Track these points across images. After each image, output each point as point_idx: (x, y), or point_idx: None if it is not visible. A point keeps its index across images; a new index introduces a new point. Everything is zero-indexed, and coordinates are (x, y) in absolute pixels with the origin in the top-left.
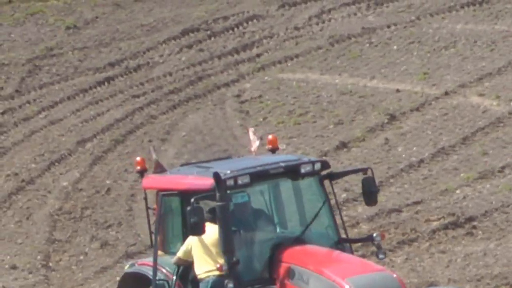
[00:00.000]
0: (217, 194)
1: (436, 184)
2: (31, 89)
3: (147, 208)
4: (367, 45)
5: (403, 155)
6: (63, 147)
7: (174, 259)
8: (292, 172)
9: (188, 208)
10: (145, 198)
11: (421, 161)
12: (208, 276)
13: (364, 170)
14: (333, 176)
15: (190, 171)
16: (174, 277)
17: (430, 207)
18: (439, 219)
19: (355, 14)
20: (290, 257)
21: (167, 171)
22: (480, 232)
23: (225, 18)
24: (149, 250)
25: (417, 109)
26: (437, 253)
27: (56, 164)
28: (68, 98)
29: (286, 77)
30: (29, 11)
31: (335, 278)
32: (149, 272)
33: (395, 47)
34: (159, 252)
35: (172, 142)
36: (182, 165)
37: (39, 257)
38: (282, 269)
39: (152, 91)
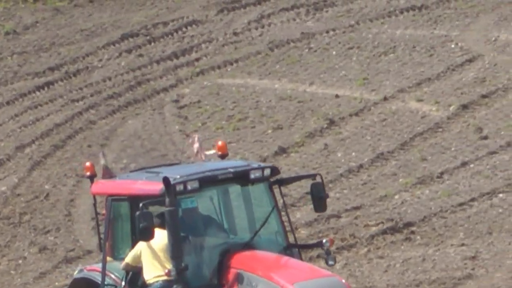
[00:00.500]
0: (166, 199)
1: (375, 190)
2: None
3: (96, 213)
4: (306, 50)
5: (342, 160)
6: (2, 152)
7: (122, 264)
8: (242, 177)
9: (137, 213)
10: (94, 204)
11: (360, 166)
12: (157, 281)
13: (313, 176)
14: (282, 182)
15: (139, 176)
16: (123, 283)
17: (369, 213)
18: (377, 224)
19: (294, 19)
20: (239, 262)
21: (116, 176)
22: (418, 237)
23: (165, 23)
24: (88, 255)
25: (356, 114)
26: (375, 258)
27: None
28: (7, 103)
29: (225, 82)
30: None
31: (283, 284)
32: (97, 278)
33: (334, 52)
34: (108, 258)
35: (111, 147)
36: (131, 171)
37: None
38: (231, 275)
39: (91, 96)
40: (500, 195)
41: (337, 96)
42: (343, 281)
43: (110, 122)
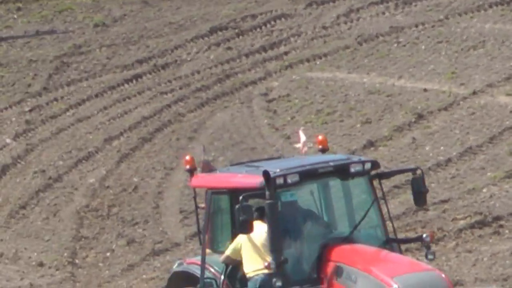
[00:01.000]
0: (266, 192)
1: (463, 183)
2: (58, 86)
3: (197, 207)
4: (395, 44)
5: (430, 154)
6: (90, 144)
7: (222, 257)
8: (342, 171)
9: (237, 206)
10: (194, 197)
11: (449, 160)
12: (257, 275)
13: (413, 170)
14: (382, 176)
15: (240, 170)
16: (222, 276)
17: (457, 206)
18: (465, 218)
19: (383, 13)
20: (338, 256)
21: (216, 170)
22: (507, 231)
23: (253, 16)
24: (176, 248)
25: (445, 109)
26: (463, 252)
27: (83, 161)
28: (96, 95)
29: (314, 76)
30: (57, 9)
31: (383, 277)
32: (197, 271)
33: (423, 46)
34: (207, 251)
35: (200, 140)
36: (232, 164)
37: (65, 254)
38: (329, 268)
39: (180, 89)
40: None
41: (425, 90)
42: (443, 275)
43: (199, 115)
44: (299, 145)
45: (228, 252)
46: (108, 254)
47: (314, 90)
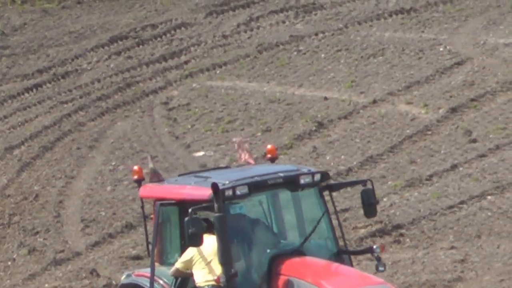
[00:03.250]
0: (215, 205)
1: None
2: None
3: (145, 217)
4: (295, 53)
5: (331, 163)
6: None
7: (172, 270)
8: (291, 183)
9: (186, 218)
10: (142, 207)
11: (349, 169)
12: (208, 286)
13: (363, 182)
14: (332, 187)
15: (188, 181)
16: None
17: (358, 215)
18: (366, 226)
19: (283, 22)
20: (289, 269)
21: (164, 180)
22: (407, 239)
23: (153, 25)
24: (77, 257)
25: (345, 117)
26: (364, 261)
27: None
28: None
29: (214, 85)
30: None
31: None
32: (146, 283)
33: (322, 55)
34: (156, 263)
35: (100, 149)
36: (179, 174)
37: None
38: (280, 281)
39: (80, 98)
40: (489, 197)
41: (325, 98)
42: None
43: (99, 124)
44: (241, 155)
45: (177, 265)
46: (9, 263)
47: (214, 99)
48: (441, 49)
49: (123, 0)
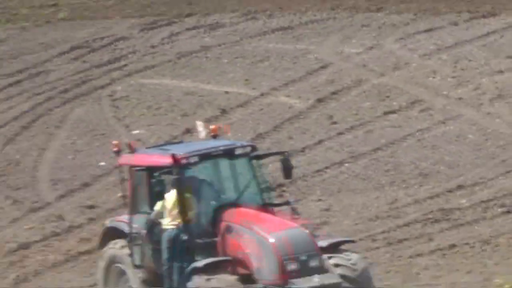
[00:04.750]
0: (174, 170)
1: None
2: None
3: (122, 179)
4: (204, 59)
5: (231, 139)
6: None
7: (153, 214)
8: (229, 153)
9: (153, 180)
10: (122, 172)
11: None
12: (171, 228)
13: (282, 153)
14: (259, 157)
15: (154, 151)
16: (144, 230)
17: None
18: None
19: (195, 36)
20: (228, 217)
21: (136, 151)
22: (287, 194)
23: (102, 38)
24: (47, 206)
25: (241, 106)
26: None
27: None
28: None
29: (146, 82)
30: None
31: (262, 234)
32: (125, 227)
33: (225, 60)
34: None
35: (64, 128)
36: (147, 147)
37: None
38: (222, 226)
39: (49, 91)
40: (346, 164)
41: (227, 92)
42: (307, 231)
43: (63, 110)
44: (200, 133)
45: (151, 216)
46: None
47: (146, 92)
48: (310, 56)
49: (79, 20)
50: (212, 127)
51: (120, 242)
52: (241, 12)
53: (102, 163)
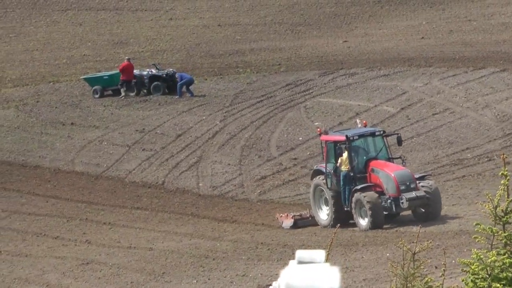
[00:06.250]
0: (346, 143)
1: None
2: None
3: (322, 147)
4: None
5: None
6: None
7: (337, 163)
8: (372, 134)
9: (336, 147)
10: (323, 148)
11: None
12: (345, 170)
13: (397, 134)
14: (386, 136)
15: (336, 133)
16: (332, 171)
17: None
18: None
19: None
20: (372, 164)
21: (327, 133)
22: None
23: (301, 80)
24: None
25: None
26: None
27: None
28: None
29: (323, 101)
30: None
31: (388, 172)
32: (322, 169)
33: None
34: (324, 164)
35: (282, 122)
36: (334, 131)
37: None
38: (369, 169)
39: (274, 105)
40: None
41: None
42: (409, 170)
43: (282, 114)
44: (357, 124)
45: (339, 162)
46: None
47: (322, 105)
48: None
49: (291, 71)
50: (363, 122)
51: (321, 176)
52: None
53: (300, 138)
